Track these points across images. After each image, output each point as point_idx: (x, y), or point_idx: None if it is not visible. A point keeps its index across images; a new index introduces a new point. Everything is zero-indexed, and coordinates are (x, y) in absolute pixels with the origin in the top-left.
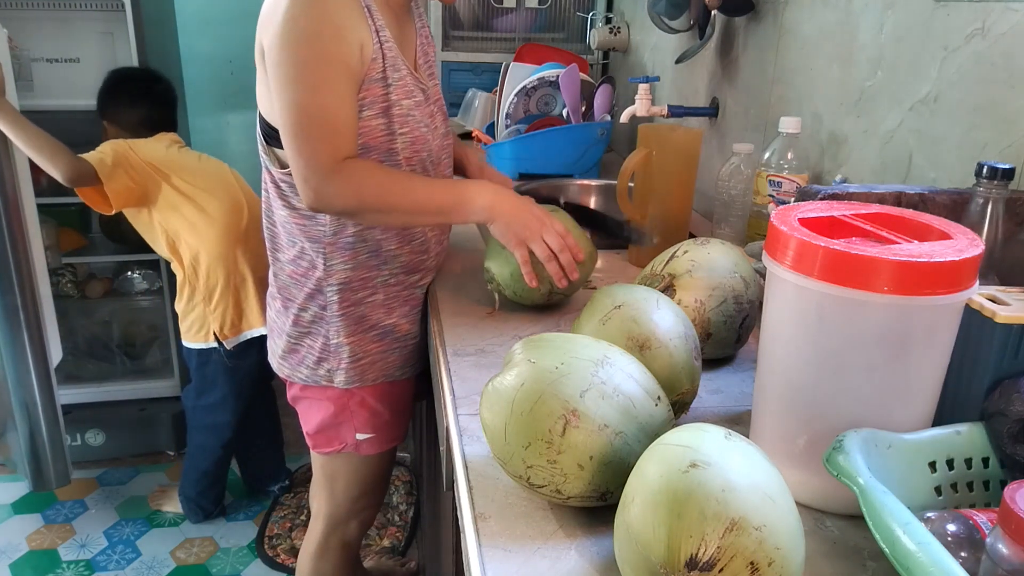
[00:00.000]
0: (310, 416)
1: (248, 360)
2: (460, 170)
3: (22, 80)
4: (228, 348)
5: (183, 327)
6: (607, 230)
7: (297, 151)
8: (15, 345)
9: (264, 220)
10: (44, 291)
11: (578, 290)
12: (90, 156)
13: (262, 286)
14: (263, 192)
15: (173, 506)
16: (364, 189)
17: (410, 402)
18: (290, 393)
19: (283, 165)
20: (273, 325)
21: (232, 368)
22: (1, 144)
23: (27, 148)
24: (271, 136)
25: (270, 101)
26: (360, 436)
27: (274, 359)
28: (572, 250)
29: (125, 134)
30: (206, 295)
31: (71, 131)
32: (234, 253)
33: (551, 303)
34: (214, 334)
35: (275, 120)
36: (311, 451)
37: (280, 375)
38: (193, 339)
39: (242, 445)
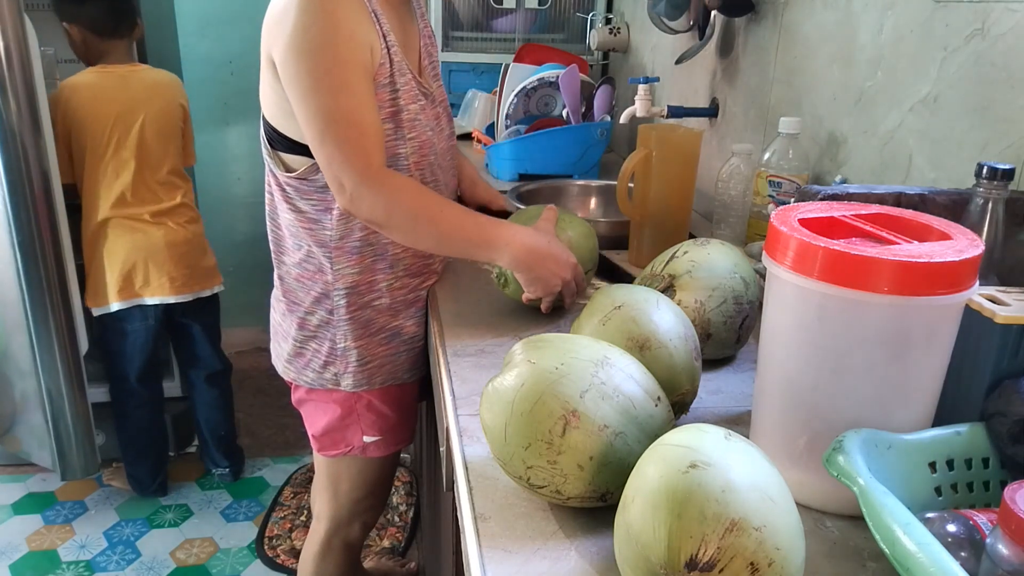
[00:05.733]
0: (316, 419)
1: (133, 326)
2: None
3: (48, 79)
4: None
5: None
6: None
7: (329, 157)
8: (43, 334)
9: (268, 223)
10: (72, 283)
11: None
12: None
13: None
14: (267, 195)
15: (120, 482)
16: (396, 205)
17: (416, 404)
18: (295, 396)
19: (288, 169)
20: (278, 328)
21: (114, 330)
22: (32, 141)
23: None
24: (275, 140)
25: (277, 105)
26: (367, 439)
27: (279, 362)
28: (581, 294)
29: (89, 35)
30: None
31: None
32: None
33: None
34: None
35: (280, 124)
36: (315, 453)
37: (286, 378)
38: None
39: (196, 417)
